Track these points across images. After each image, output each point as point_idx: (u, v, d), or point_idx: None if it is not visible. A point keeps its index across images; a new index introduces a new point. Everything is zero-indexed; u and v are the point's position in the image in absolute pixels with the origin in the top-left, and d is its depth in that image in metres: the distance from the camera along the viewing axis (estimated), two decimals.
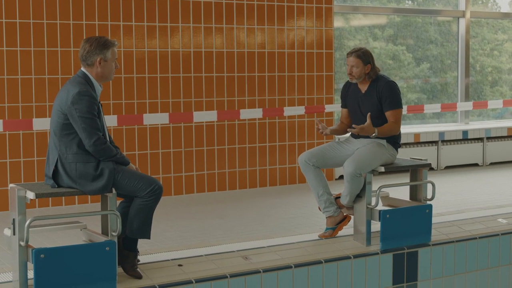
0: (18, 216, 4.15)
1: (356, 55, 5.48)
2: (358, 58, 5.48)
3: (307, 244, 5.33)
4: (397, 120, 5.47)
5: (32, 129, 7.57)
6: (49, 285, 4.11)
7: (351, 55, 5.50)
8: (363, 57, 5.49)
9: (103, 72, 4.53)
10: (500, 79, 12.28)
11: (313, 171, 5.48)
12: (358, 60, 5.48)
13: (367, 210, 5.34)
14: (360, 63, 5.48)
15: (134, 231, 4.50)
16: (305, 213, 7.39)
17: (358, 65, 5.48)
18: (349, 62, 5.51)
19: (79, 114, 4.33)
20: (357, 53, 5.49)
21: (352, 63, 5.49)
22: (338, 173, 9.41)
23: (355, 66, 5.48)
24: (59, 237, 6.06)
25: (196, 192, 8.61)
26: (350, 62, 5.50)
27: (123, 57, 8.07)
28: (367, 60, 5.50)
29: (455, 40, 11.43)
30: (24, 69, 7.63)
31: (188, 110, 8.45)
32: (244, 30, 8.81)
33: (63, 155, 4.38)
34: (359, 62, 5.48)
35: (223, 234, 6.46)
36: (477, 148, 10.77)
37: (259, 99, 8.93)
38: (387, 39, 11.03)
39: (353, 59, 5.49)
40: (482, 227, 5.95)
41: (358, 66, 5.48)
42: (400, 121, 5.51)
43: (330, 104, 9.33)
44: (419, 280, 5.42)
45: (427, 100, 11.37)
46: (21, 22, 7.59)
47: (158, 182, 4.49)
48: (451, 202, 7.82)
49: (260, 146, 9.00)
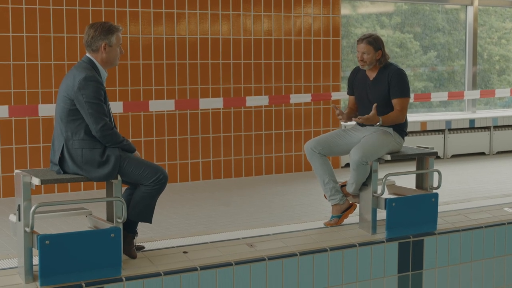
0: (24, 202, 4.15)
1: (367, 41, 5.43)
2: (369, 44, 5.42)
3: (312, 232, 5.33)
4: (403, 108, 5.44)
5: (38, 115, 7.57)
6: (54, 271, 4.12)
7: (362, 41, 5.44)
8: (374, 43, 5.43)
9: (108, 58, 4.51)
10: (507, 67, 12.23)
11: (319, 158, 5.46)
12: (369, 47, 5.42)
13: (373, 198, 5.32)
14: (371, 50, 5.43)
15: (136, 215, 4.50)
16: (310, 201, 7.38)
17: (369, 51, 5.42)
18: (360, 49, 5.45)
19: (85, 99, 4.31)
20: (368, 39, 5.43)
21: (363, 50, 5.43)
22: (344, 161, 9.40)
23: (366, 53, 5.43)
24: (64, 223, 6.07)
25: (202, 179, 8.61)
26: (361, 49, 5.44)
27: (129, 43, 8.05)
28: (378, 46, 5.45)
29: (462, 28, 11.37)
30: (30, 55, 7.62)
31: (194, 97, 8.44)
32: (251, 17, 8.78)
33: (69, 141, 4.37)
34: (370, 48, 5.42)
35: (228, 221, 6.45)
36: (484, 137, 10.74)
37: (265, 86, 8.90)
38: (395, 27, 10.97)
39: (364, 46, 5.43)
40: (488, 216, 5.94)
41: (369, 52, 5.43)
42: (406, 110, 5.47)
43: (337, 92, 9.30)
44: (425, 268, 5.41)
45: (434, 89, 11.33)
46: (27, 8, 7.57)
47: (163, 171, 4.48)
48: (457, 191, 7.80)
49: (266, 134, 8.98)
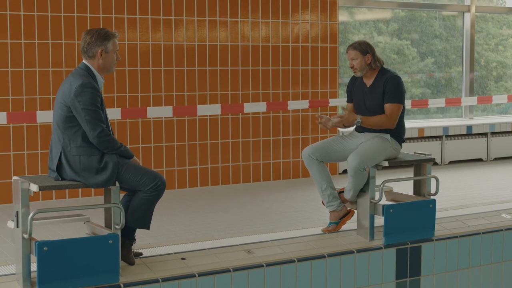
0: (22, 208, 4.15)
1: (353, 47, 5.52)
2: (355, 49, 5.51)
3: (310, 238, 5.33)
4: (392, 114, 5.43)
5: (36, 122, 7.57)
6: (52, 277, 4.12)
7: (349, 48, 5.55)
8: (359, 48, 5.50)
9: (105, 64, 4.51)
10: (504, 74, 12.26)
11: (317, 165, 5.47)
12: (356, 52, 5.50)
13: (370, 204, 5.33)
14: (359, 54, 5.49)
15: (134, 222, 4.50)
16: (308, 207, 7.38)
17: (356, 56, 5.50)
18: (349, 56, 5.55)
19: (82, 106, 4.32)
20: (353, 45, 5.54)
21: (351, 56, 5.53)
22: (342, 167, 9.40)
23: (354, 58, 5.51)
24: (62, 230, 6.07)
25: (200, 186, 8.61)
26: (350, 56, 5.54)
27: (127, 50, 8.06)
28: (365, 50, 5.50)
29: (460, 35, 11.40)
30: (28, 62, 7.63)
31: (192, 104, 8.45)
32: (249, 23, 8.80)
33: (67, 147, 4.37)
34: (357, 53, 5.49)
35: (226, 227, 6.45)
36: (481, 143, 10.76)
37: (263, 93, 8.92)
38: (392, 34, 11.00)
39: (351, 52, 5.53)
40: (485, 222, 5.94)
41: (357, 57, 5.50)
42: (397, 116, 5.44)
43: (334, 98, 9.31)
44: (422, 275, 5.41)
45: (431, 95, 11.35)
46: (25, 15, 7.58)
47: (161, 178, 4.48)
48: (455, 197, 7.81)
49: (263, 140, 8.99)
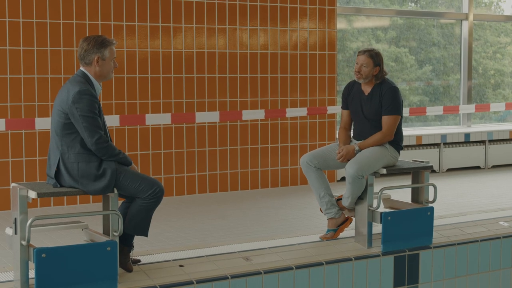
0: (20, 215, 4.15)
1: (369, 54, 5.42)
2: (370, 58, 5.41)
3: (308, 245, 5.33)
4: (390, 126, 5.41)
5: (35, 129, 7.57)
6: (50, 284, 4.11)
7: (364, 53, 5.43)
8: (375, 58, 5.42)
9: (102, 71, 4.52)
10: (502, 82, 12.28)
11: (315, 172, 5.47)
12: (369, 60, 5.41)
13: (368, 212, 5.33)
14: (371, 63, 5.41)
15: (132, 228, 4.50)
16: (306, 214, 7.38)
17: (368, 64, 5.41)
18: (359, 61, 5.43)
19: (80, 113, 4.32)
20: (370, 52, 5.42)
21: (362, 62, 5.42)
22: (340, 174, 9.41)
23: (364, 65, 5.41)
24: (61, 236, 6.07)
25: (198, 193, 8.61)
26: (361, 61, 5.43)
27: (125, 57, 8.07)
28: (377, 62, 5.43)
29: (457, 43, 11.42)
30: (26, 68, 7.63)
31: (190, 111, 8.45)
32: (247, 31, 8.81)
33: (65, 154, 4.37)
34: (370, 62, 5.41)
35: (224, 234, 6.45)
36: (479, 151, 10.77)
37: (261, 100, 8.93)
38: (390, 41, 11.02)
39: (364, 58, 5.42)
40: (483, 230, 5.95)
41: (368, 65, 5.41)
42: (394, 128, 5.44)
43: (333, 106, 9.32)
44: (420, 282, 5.42)
45: (429, 103, 11.36)
46: (24, 22, 7.60)
47: (160, 185, 4.48)
48: (453, 204, 7.81)
49: (262, 147, 8.99)
